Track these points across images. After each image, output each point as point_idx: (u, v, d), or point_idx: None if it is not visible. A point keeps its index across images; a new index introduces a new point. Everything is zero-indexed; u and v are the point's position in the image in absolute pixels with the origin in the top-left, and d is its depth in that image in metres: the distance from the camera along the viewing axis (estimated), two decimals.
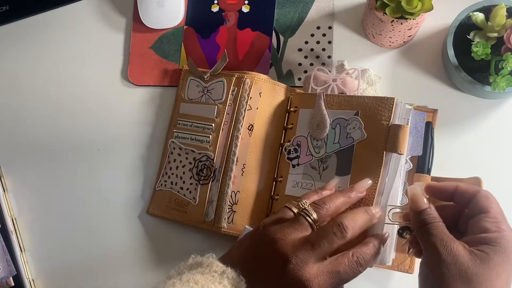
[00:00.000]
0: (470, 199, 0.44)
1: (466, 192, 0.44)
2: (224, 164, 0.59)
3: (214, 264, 0.44)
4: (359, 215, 0.47)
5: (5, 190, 0.66)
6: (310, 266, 0.43)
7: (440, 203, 0.47)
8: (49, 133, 0.68)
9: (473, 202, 0.44)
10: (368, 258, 0.45)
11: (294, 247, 0.44)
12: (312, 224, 0.46)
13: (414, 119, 0.55)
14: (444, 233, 0.42)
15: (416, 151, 0.56)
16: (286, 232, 0.45)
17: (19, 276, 0.62)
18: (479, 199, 0.43)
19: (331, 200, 0.48)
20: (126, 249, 0.63)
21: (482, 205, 0.43)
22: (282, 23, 0.67)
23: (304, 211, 0.46)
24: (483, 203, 0.43)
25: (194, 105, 0.63)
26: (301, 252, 0.44)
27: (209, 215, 0.59)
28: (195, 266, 0.45)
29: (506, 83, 0.55)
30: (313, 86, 0.59)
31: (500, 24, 0.57)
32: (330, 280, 0.43)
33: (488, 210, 0.42)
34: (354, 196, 0.50)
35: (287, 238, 0.45)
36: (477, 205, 0.43)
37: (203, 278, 0.42)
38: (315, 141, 0.56)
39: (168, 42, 0.68)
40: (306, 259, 0.43)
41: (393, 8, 0.57)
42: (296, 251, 0.44)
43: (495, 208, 0.43)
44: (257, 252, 0.46)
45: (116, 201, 0.65)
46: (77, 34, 0.71)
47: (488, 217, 0.42)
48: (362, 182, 0.51)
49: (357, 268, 0.44)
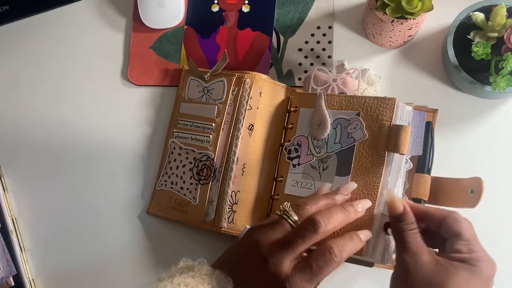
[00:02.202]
0: (440, 223, 0.45)
1: (435, 216, 0.46)
2: (224, 164, 0.59)
3: (204, 268, 0.46)
4: (335, 210, 0.47)
5: (5, 190, 0.66)
6: (285, 265, 0.44)
7: None
8: (49, 133, 0.68)
9: (443, 226, 0.45)
10: (342, 247, 0.45)
11: (272, 248, 0.45)
12: (293, 225, 0.46)
13: (414, 119, 0.55)
14: (416, 243, 0.44)
15: (416, 151, 0.56)
16: (267, 234, 0.46)
17: (19, 276, 0.62)
18: (449, 223, 0.44)
19: (313, 201, 0.49)
20: (126, 249, 0.63)
21: (452, 229, 0.44)
22: (282, 23, 0.67)
23: (285, 213, 0.47)
24: (453, 226, 0.44)
25: (194, 105, 0.63)
26: (277, 252, 0.45)
27: (209, 215, 0.59)
28: (186, 270, 0.46)
29: (506, 83, 0.55)
30: (313, 86, 0.59)
31: (500, 24, 0.57)
32: (305, 276, 0.44)
33: (459, 233, 0.44)
34: (339, 198, 0.50)
35: (267, 240, 0.46)
36: (448, 229, 0.44)
37: (193, 281, 0.44)
38: (315, 141, 0.56)
39: (168, 42, 0.68)
40: (282, 258, 0.44)
41: (393, 8, 0.57)
42: (273, 251, 0.45)
43: (466, 230, 0.44)
44: (241, 254, 0.48)
45: (116, 201, 0.65)
46: (77, 34, 0.71)
47: (460, 239, 0.43)
48: (347, 185, 0.51)
49: (329, 258, 0.44)
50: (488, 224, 0.58)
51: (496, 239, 0.58)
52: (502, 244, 0.58)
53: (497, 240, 0.58)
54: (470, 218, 0.55)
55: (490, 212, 0.58)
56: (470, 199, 0.52)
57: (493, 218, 0.58)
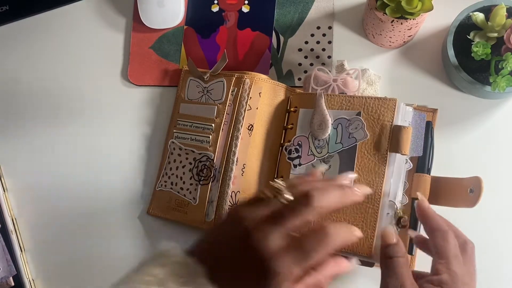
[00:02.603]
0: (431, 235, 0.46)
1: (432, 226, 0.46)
2: (224, 164, 0.59)
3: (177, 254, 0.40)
4: (331, 187, 0.41)
5: (5, 190, 0.66)
6: (271, 241, 0.37)
7: None
8: (49, 133, 0.68)
9: (430, 240, 0.45)
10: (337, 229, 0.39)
11: (257, 222, 0.39)
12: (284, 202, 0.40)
13: (414, 120, 0.55)
14: (401, 272, 0.43)
15: (416, 151, 0.56)
16: (253, 209, 0.40)
17: (19, 276, 0.62)
18: (435, 238, 0.45)
19: (309, 181, 0.44)
20: (126, 250, 0.63)
21: (435, 245, 0.44)
22: (282, 23, 0.67)
23: (276, 190, 0.41)
24: (437, 243, 0.44)
25: (194, 105, 0.63)
26: (263, 225, 0.38)
27: (210, 216, 0.59)
28: (157, 257, 0.41)
29: (506, 83, 0.55)
30: (313, 86, 0.59)
31: (500, 24, 0.57)
32: (293, 255, 0.38)
33: (440, 251, 0.44)
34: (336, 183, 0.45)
35: (252, 215, 0.39)
36: (432, 244, 0.45)
37: (163, 272, 0.38)
38: (316, 141, 0.56)
39: (168, 42, 0.68)
40: (267, 233, 0.38)
41: (393, 8, 0.57)
42: (258, 225, 0.39)
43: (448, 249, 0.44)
44: (222, 233, 0.41)
45: (116, 202, 0.65)
46: (77, 34, 0.71)
47: (440, 258, 0.44)
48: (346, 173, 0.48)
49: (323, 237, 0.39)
50: (488, 224, 0.58)
51: (496, 238, 0.58)
52: (502, 244, 0.58)
53: (497, 240, 0.58)
54: (470, 218, 0.55)
55: (490, 211, 0.58)
56: (470, 198, 0.52)
57: (492, 217, 0.59)
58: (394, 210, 0.51)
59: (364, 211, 0.52)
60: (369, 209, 0.52)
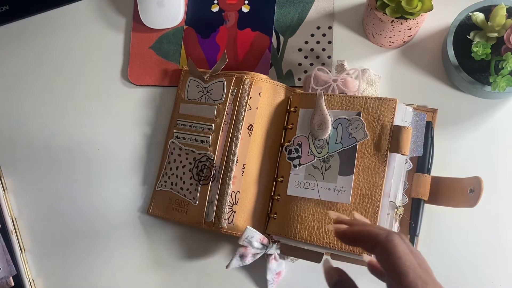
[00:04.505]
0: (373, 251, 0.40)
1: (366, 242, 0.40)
2: (224, 164, 0.59)
3: None
4: None
5: (5, 190, 0.66)
6: None
7: None
8: (49, 133, 0.68)
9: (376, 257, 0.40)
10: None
11: None
12: None
13: (414, 120, 0.56)
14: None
15: (416, 151, 0.56)
16: None
17: (19, 276, 0.62)
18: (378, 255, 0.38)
19: None
20: (126, 250, 0.63)
21: (382, 261, 0.38)
22: (282, 23, 0.67)
23: None
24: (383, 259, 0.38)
25: (194, 106, 0.63)
26: None
27: (209, 216, 0.59)
28: None
29: (506, 83, 0.55)
30: (313, 86, 0.59)
31: (500, 24, 0.57)
32: None
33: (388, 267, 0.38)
34: None
35: None
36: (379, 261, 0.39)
37: None
38: (316, 141, 0.56)
39: (168, 42, 0.68)
40: None
41: (393, 8, 0.57)
42: None
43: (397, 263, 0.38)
44: None
45: (116, 202, 0.65)
46: (77, 34, 0.71)
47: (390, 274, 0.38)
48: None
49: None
50: (488, 224, 0.58)
51: (495, 238, 0.58)
52: (502, 244, 0.58)
53: (496, 240, 0.58)
54: (470, 218, 0.55)
55: (490, 211, 0.58)
56: (470, 198, 0.52)
57: (492, 217, 0.59)
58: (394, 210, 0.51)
59: (364, 212, 0.52)
60: (369, 210, 0.52)
